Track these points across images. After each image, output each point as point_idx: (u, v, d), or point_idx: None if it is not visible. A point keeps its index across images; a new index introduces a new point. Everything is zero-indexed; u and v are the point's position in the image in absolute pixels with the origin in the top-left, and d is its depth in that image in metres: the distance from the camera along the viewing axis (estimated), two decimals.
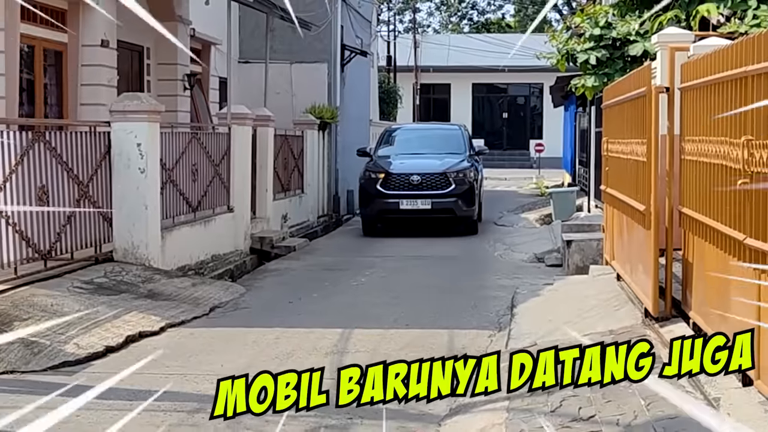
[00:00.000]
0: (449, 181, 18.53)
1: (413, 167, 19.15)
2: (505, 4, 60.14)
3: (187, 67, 17.93)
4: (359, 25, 28.34)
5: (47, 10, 13.52)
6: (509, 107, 47.53)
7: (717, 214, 6.23)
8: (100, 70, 14.24)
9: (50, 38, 13.73)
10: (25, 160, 9.85)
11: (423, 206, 18.40)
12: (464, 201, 18.58)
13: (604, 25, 13.42)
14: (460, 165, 19.40)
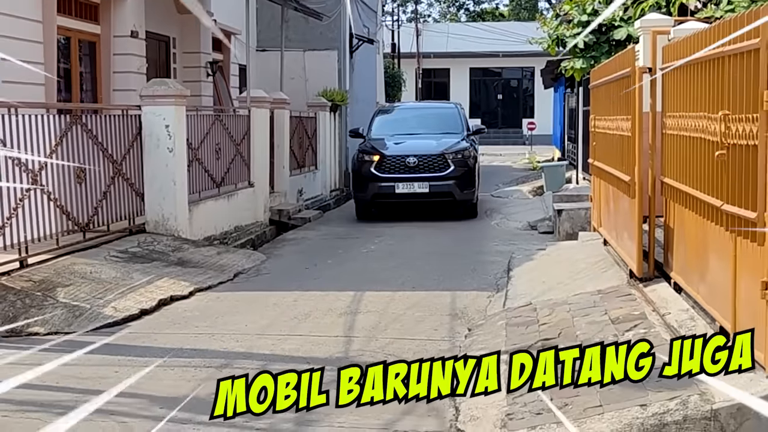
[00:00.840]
0: (447, 163, 15.97)
1: (409, 149, 16.50)
2: None
3: (210, 55, 17.87)
4: (366, 15, 28.20)
5: (81, 3, 13.47)
6: (503, 89, 47.37)
7: (696, 183, 6.20)
8: (130, 58, 14.20)
9: (85, 30, 13.67)
10: (64, 141, 9.85)
11: (420, 190, 15.84)
12: (463, 183, 15.98)
13: (591, 12, 13.36)
14: (459, 145, 16.69)
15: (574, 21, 13.40)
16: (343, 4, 24.34)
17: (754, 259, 4.96)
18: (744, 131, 5.07)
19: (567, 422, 4.85)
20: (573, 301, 7.48)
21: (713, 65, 5.74)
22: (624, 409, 4.77)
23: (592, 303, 7.26)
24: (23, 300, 8.05)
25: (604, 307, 7.03)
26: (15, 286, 8.29)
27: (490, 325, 7.38)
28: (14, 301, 8.01)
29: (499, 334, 6.94)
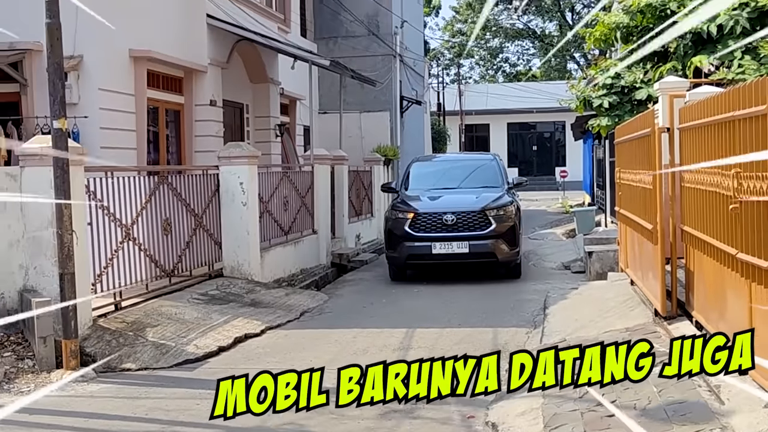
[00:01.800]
0: (488, 220, 12.94)
1: (446, 204, 13.47)
2: (532, 58, 59.87)
3: (278, 118, 18.16)
4: (414, 79, 28.43)
5: (167, 77, 13.80)
6: (538, 141, 47.21)
7: (713, 232, 6.11)
8: (209, 124, 14.47)
9: (170, 100, 14.00)
10: (153, 198, 10.05)
11: (459, 250, 12.87)
12: (506, 242, 12.94)
13: (614, 76, 13.30)
14: (500, 200, 13.50)
15: (599, 84, 13.35)
16: (393, 71, 24.61)
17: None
18: (755, 188, 5.00)
19: None
20: (603, 338, 7.36)
21: (725, 127, 5.68)
22: None
23: (621, 340, 7.13)
24: (117, 339, 8.17)
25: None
26: (110, 326, 8.43)
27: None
28: (110, 340, 8.14)
29: None
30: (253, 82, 17.47)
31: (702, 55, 10.79)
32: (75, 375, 7.36)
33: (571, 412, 5.43)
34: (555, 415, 5.42)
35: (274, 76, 17.64)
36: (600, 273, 11.89)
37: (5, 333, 8.07)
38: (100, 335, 8.15)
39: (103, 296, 8.91)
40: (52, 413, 6.31)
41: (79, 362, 7.56)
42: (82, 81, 11.37)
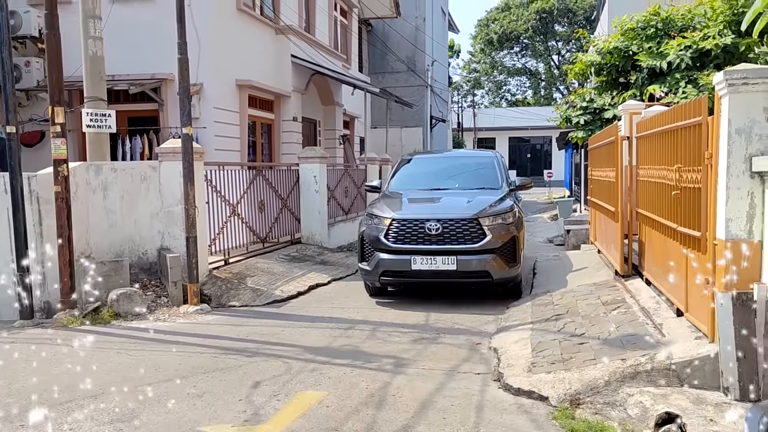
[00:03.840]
0: (482, 230, 7.64)
1: (431, 210, 8.03)
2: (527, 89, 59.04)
3: (341, 131, 18.22)
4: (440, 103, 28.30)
5: (262, 100, 13.95)
6: (531, 150, 46.53)
7: (660, 212, 6.03)
8: (292, 134, 14.58)
9: (264, 117, 14.14)
10: (252, 185, 10.20)
11: (445, 266, 7.56)
12: (504, 258, 7.65)
13: (588, 100, 13.10)
14: (499, 206, 7.99)
15: (577, 106, 13.15)
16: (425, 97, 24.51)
17: (699, 263, 4.81)
18: (692, 178, 4.93)
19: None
20: (576, 290, 7.32)
21: (670, 134, 5.59)
22: (610, 361, 4.66)
23: (590, 291, 7.09)
24: (225, 284, 8.32)
25: (597, 294, 6.87)
26: (221, 276, 8.59)
27: (521, 305, 7.28)
28: (220, 285, 8.29)
29: (526, 311, 6.85)
30: (324, 104, 17.55)
31: (655, 84, 10.55)
32: (196, 308, 7.54)
33: (551, 341, 5.44)
34: (540, 343, 5.43)
35: (338, 100, 17.70)
36: (575, 245, 11.75)
37: (148, 278, 8.27)
38: (213, 281, 8.32)
39: (216, 254, 9.09)
40: (182, 334, 6.49)
41: (199, 300, 7.73)
42: (202, 102, 11.55)
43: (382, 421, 4.12)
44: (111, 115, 8.46)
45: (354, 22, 20.79)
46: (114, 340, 6.28)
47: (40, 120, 11.75)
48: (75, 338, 6.37)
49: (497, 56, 55.90)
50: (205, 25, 11.25)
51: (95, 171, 8.11)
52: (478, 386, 4.74)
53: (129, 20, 11.23)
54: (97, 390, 4.77)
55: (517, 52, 55.88)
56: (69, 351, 5.91)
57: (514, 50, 55.58)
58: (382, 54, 24.13)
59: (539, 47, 54.36)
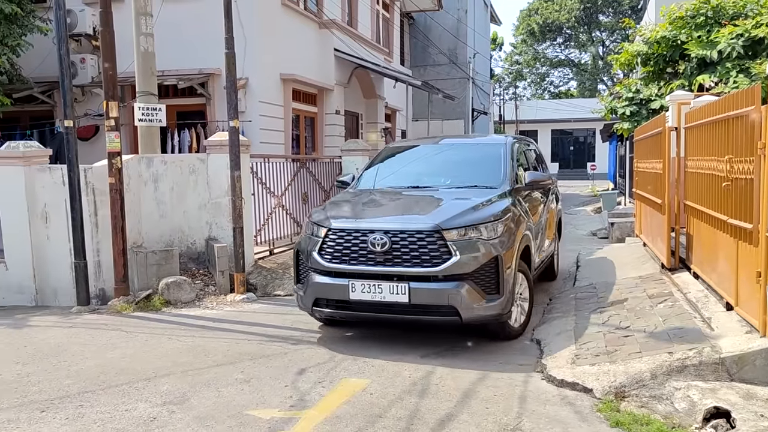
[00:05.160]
0: (446, 247, 5.02)
1: (378, 217, 5.47)
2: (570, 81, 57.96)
3: (383, 124, 18.23)
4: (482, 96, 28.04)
5: (306, 93, 14.06)
6: (574, 143, 45.75)
7: (709, 204, 5.86)
8: (334, 127, 14.67)
9: (308, 110, 14.26)
10: (296, 177, 10.30)
11: (393, 297, 5.05)
12: (480, 287, 5.05)
13: (635, 91, 12.78)
14: (479, 212, 5.31)
15: (623, 97, 12.84)
16: (467, 90, 24.33)
17: (750, 256, 4.66)
18: (743, 169, 4.78)
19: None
20: (621, 283, 7.19)
21: (721, 124, 5.43)
22: (656, 355, 4.57)
23: (635, 284, 6.96)
24: (271, 274, 8.43)
25: (643, 287, 6.73)
26: (266, 265, 8.71)
27: (564, 297, 7.19)
28: (266, 275, 8.41)
29: (570, 303, 6.76)
30: (366, 97, 17.59)
31: (705, 74, 10.21)
32: (242, 297, 7.68)
33: (596, 333, 5.36)
34: (583, 335, 5.36)
35: (380, 93, 17.71)
36: (620, 238, 11.53)
37: (196, 268, 8.46)
38: (259, 271, 8.43)
39: (261, 245, 9.20)
40: (229, 321, 6.63)
41: (245, 289, 7.88)
42: (247, 95, 11.71)
43: (425, 409, 4.13)
44: (161, 109, 8.67)
45: (396, 15, 20.74)
46: (165, 327, 6.46)
47: (94, 115, 12.12)
48: (128, 324, 6.58)
49: (539, 47, 55.02)
50: (250, 20, 11.39)
51: (147, 163, 8.33)
52: (520, 377, 4.71)
53: (177, 17, 11.45)
54: (149, 374, 4.92)
55: (560, 43, 54.88)
56: (123, 336, 6.10)
57: (557, 41, 54.60)
58: (424, 47, 24.01)
59: (583, 38, 53.27)
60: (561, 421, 3.92)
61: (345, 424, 3.92)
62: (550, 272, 8.23)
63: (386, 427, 3.87)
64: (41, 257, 7.78)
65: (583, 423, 3.90)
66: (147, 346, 5.74)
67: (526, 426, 3.87)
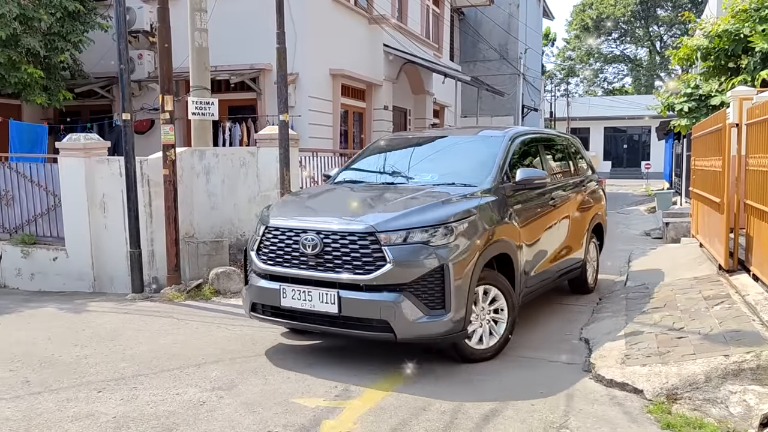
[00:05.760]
0: (381, 253, 4.33)
1: (314, 215, 4.90)
2: (624, 77, 56.48)
3: (431, 120, 18.19)
4: (533, 92, 27.64)
5: (354, 89, 14.15)
6: (628, 141, 44.65)
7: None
8: (382, 123, 14.72)
9: (356, 105, 14.35)
10: None
11: (323, 306, 4.45)
12: (422, 299, 4.33)
13: (693, 86, 12.39)
14: (429, 214, 4.51)
15: (681, 92, 12.46)
16: (517, 86, 24.02)
17: None
18: None
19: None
20: (675, 284, 6.98)
21: None
22: (712, 357, 4.43)
23: (690, 285, 6.75)
24: None
25: (698, 288, 6.52)
26: None
27: (614, 297, 7.04)
28: None
29: (620, 303, 6.61)
30: (414, 93, 17.58)
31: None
32: None
33: (647, 334, 5.23)
34: (634, 335, 5.23)
35: (429, 89, 17.67)
36: (674, 239, 11.20)
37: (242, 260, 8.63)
38: None
39: None
40: None
41: None
42: (297, 90, 11.88)
43: (470, 404, 4.12)
44: (214, 104, 8.87)
45: (446, 10, 20.64)
46: (214, 315, 6.62)
47: (150, 109, 12.50)
48: (180, 312, 6.78)
49: (593, 43, 53.81)
50: (301, 16, 11.53)
51: (199, 156, 8.55)
52: (567, 376, 4.64)
53: (230, 13, 11.69)
54: (199, 360, 5.06)
55: (615, 39, 53.56)
56: (174, 323, 6.29)
57: (612, 36, 53.30)
58: (474, 42, 23.83)
59: (639, 32, 51.84)
60: (609, 421, 3.85)
61: (389, 415, 3.94)
62: (579, 284, 7.23)
63: (430, 419, 3.88)
64: (99, 246, 8.08)
65: (633, 424, 3.81)
66: (197, 333, 5.89)
67: (572, 424, 3.81)
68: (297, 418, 3.89)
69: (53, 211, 8.37)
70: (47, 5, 10.22)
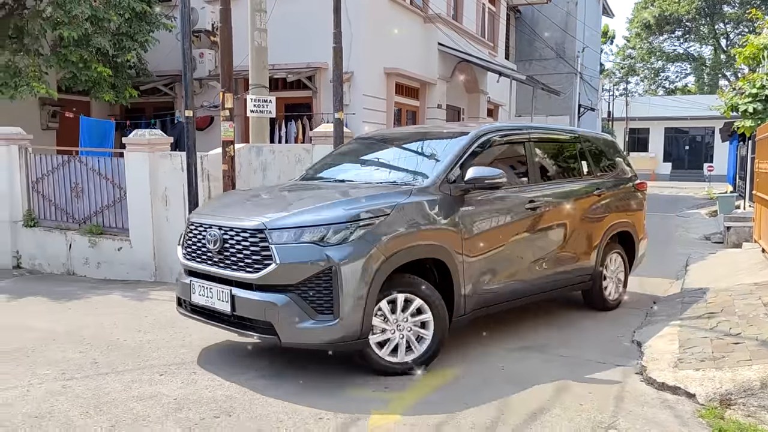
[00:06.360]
0: (268, 251, 4.15)
1: (222, 211, 4.77)
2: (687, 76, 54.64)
3: (485, 119, 18.10)
4: (590, 91, 27.12)
5: (408, 87, 14.24)
6: (690, 143, 43.25)
7: None
8: (435, 121, 14.75)
9: (409, 104, 14.44)
10: None
11: (220, 305, 4.41)
12: (309, 303, 4.09)
13: (759, 87, 11.96)
14: (324, 212, 4.24)
15: (746, 93, 12.05)
16: (574, 85, 23.64)
17: None
18: None
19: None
20: (734, 289, 6.81)
21: None
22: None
23: (749, 291, 6.57)
24: None
25: (758, 294, 6.35)
26: None
27: (670, 301, 6.92)
28: None
29: (675, 307, 6.49)
30: (468, 92, 17.55)
31: None
32: None
33: (702, 338, 5.14)
34: (688, 339, 5.16)
35: (483, 87, 17.60)
36: (736, 243, 10.85)
37: None
38: None
39: None
40: None
41: None
42: (352, 89, 12.06)
43: (517, 399, 4.17)
44: (272, 101, 9.12)
45: (503, 8, 20.49)
46: None
47: (210, 106, 12.92)
48: None
49: (655, 41, 52.29)
50: (357, 15, 11.70)
51: (256, 152, 8.81)
52: (617, 377, 4.62)
53: (287, 13, 11.96)
54: (252, 348, 5.26)
55: (678, 36, 51.89)
56: None
57: (675, 34, 51.66)
58: (530, 41, 23.58)
59: (704, 30, 50.07)
60: (659, 424, 3.83)
61: (437, 407, 4.03)
62: (593, 299, 6.51)
63: (477, 414, 3.94)
64: (160, 237, 8.44)
65: (683, 427, 3.78)
66: None
67: (621, 425, 3.81)
68: (349, 405, 4.02)
69: (119, 203, 8.78)
70: (116, 6, 10.70)
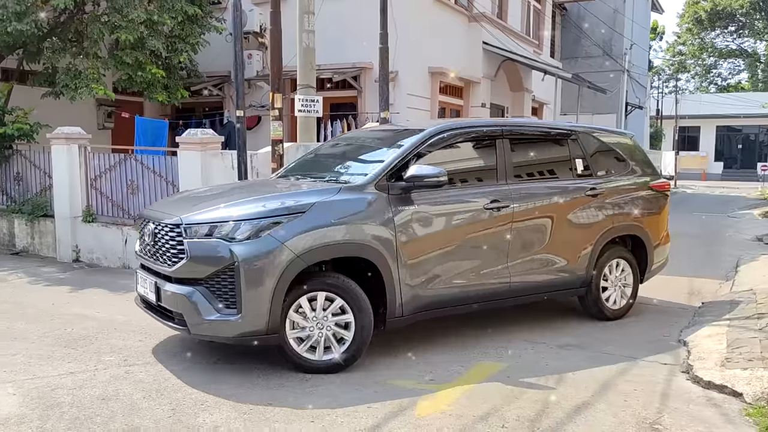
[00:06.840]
0: (182, 247, 4.41)
1: (164, 208, 4.94)
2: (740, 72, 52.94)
3: (530, 117, 18.00)
4: (638, 89, 26.63)
5: (452, 87, 14.29)
6: (743, 141, 41.92)
7: None
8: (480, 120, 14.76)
9: (453, 103, 14.48)
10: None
11: (150, 295, 4.70)
12: (217, 297, 4.29)
13: None
14: (235, 209, 4.42)
15: None
16: (621, 83, 23.27)
17: None
18: None
19: None
20: None
21: None
22: None
23: None
24: None
25: None
26: None
27: (718, 301, 6.82)
28: None
29: (724, 307, 6.42)
30: (512, 90, 17.48)
31: None
32: None
33: (750, 338, 5.10)
34: (737, 339, 5.12)
35: (528, 86, 17.51)
36: None
37: None
38: None
39: None
40: None
41: None
42: (396, 88, 12.18)
43: (561, 395, 4.23)
44: (319, 101, 9.33)
45: (548, 6, 20.32)
46: None
47: (258, 106, 13.25)
48: None
49: (707, 37, 50.83)
50: (402, 15, 11.82)
51: (304, 151, 9.01)
52: (663, 375, 4.64)
53: (333, 14, 12.17)
54: None
55: (731, 32, 50.33)
56: None
57: (728, 29, 50.12)
58: (576, 38, 23.30)
59: (759, 25, 48.44)
60: (705, 421, 3.85)
61: (482, 400, 4.13)
62: (590, 306, 6.05)
63: (521, 407, 4.03)
64: None
65: (729, 425, 3.79)
66: None
67: (666, 422, 3.84)
68: (394, 395, 4.16)
69: None
70: (170, 10, 11.09)
